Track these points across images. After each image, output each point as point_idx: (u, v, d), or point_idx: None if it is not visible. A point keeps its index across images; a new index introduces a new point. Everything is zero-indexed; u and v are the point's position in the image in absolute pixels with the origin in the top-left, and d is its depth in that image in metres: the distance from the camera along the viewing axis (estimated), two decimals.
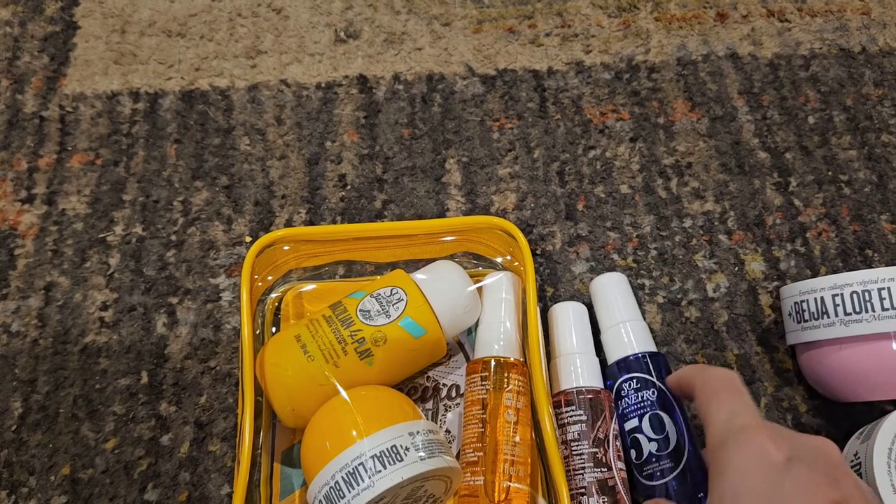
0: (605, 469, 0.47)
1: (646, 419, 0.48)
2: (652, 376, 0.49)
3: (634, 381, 0.49)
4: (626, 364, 0.50)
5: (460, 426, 0.50)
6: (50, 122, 0.65)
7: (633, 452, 0.48)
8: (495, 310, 0.51)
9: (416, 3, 0.71)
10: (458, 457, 0.49)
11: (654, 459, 0.47)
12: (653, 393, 0.49)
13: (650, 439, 0.47)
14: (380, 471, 0.42)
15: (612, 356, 0.51)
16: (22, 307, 0.56)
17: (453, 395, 0.52)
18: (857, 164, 0.63)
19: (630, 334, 0.51)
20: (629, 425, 0.49)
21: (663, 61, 0.68)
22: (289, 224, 0.60)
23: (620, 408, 0.49)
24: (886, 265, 0.59)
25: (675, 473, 0.46)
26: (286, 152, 0.63)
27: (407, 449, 0.43)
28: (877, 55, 0.69)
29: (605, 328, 0.53)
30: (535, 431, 0.48)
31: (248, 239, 0.59)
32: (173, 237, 0.59)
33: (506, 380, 0.48)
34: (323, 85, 0.67)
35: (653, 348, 0.51)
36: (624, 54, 0.68)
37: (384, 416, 0.45)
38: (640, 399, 0.49)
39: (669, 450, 0.47)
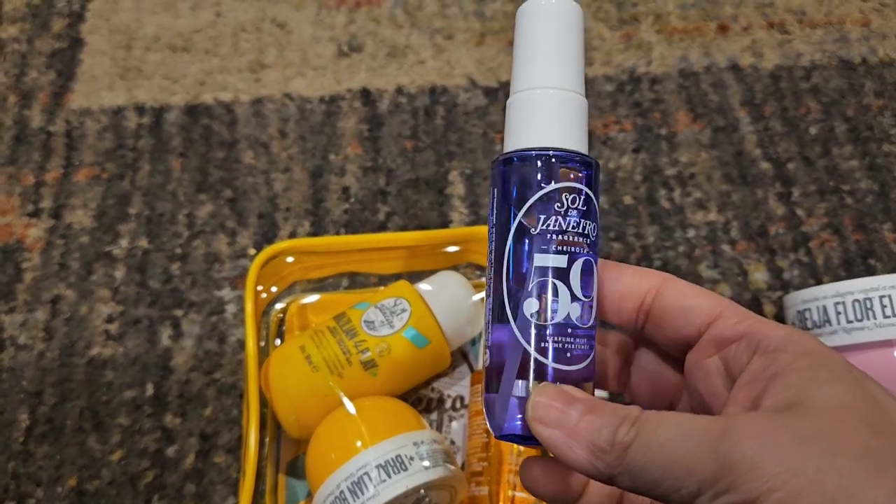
0: None
1: (578, 264, 0.29)
2: (597, 198, 0.31)
3: (581, 197, 0.30)
4: (574, 162, 0.30)
5: (465, 437, 0.50)
6: (56, 137, 0.65)
7: (533, 304, 0.29)
8: None
9: (418, 17, 0.72)
10: (462, 467, 0.49)
11: (569, 331, 0.29)
12: (594, 228, 0.30)
13: (575, 297, 0.29)
14: (384, 480, 0.42)
15: (536, 138, 0.30)
16: (29, 320, 0.57)
17: (457, 406, 0.52)
18: (858, 174, 0.63)
19: (574, 112, 0.31)
20: (545, 260, 0.29)
21: (665, 73, 0.68)
22: (292, 236, 0.60)
23: (540, 225, 0.29)
24: (889, 274, 0.59)
25: (588, 360, 0.30)
26: (290, 165, 0.64)
27: (411, 458, 0.43)
28: (877, 66, 0.69)
29: (517, 89, 0.31)
30: None
31: (252, 251, 0.59)
32: (178, 250, 0.60)
33: None
34: (326, 98, 0.67)
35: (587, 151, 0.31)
36: (626, 66, 0.69)
37: (388, 427, 0.45)
38: (580, 228, 0.30)
39: (592, 322, 0.30)
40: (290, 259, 0.53)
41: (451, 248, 0.54)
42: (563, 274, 0.29)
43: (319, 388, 0.47)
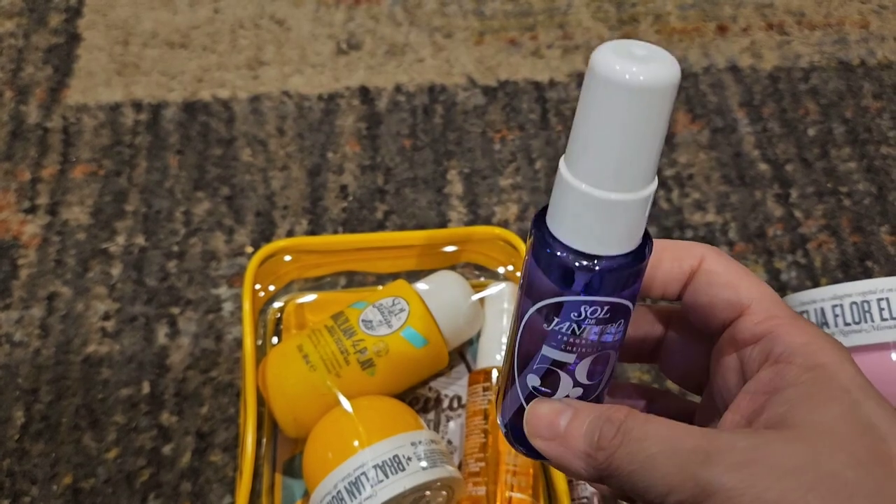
0: None
1: (587, 361, 0.29)
2: (632, 302, 0.28)
3: (605, 308, 0.27)
4: (610, 274, 0.26)
5: (462, 437, 0.50)
6: (53, 133, 0.65)
7: (536, 379, 0.29)
8: (497, 320, 0.51)
9: (417, 15, 0.72)
10: (460, 467, 0.49)
11: None
12: (619, 326, 0.28)
13: (577, 384, 0.29)
14: (382, 480, 0.42)
15: (579, 239, 0.26)
16: (24, 317, 0.57)
17: (455, 405, 0.52)
18: (856, 176, 0.63)
19: (635, 214, 0.25)
20: (554, 353, 0.28)
21: None
22: (290, 235, 0.60)
23: (553, 325, 0.27)
24: (886, 276, 0.59)
25: None
26: (288, 163, 0.63)
27: (409, 458, 0.43)
28: (875, 68, 0.69)
29: (577, 170, 0.25)
30: None
31: (249, 249, 0.59)
32: (175, 247, 0.59)
33: None
34: (325, 96, 0.67)
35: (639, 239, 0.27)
36: None
37: (386, 426, 0.45)
38: (598, 335, 0.28)
39: (594, 397, 0.30)
40: (287, 258, 0.53)
41: (450, 248, 0.54)
42: (567, 367, 0.28)
43: (317, 387, 0.47)
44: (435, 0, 0.72)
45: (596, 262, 0.26)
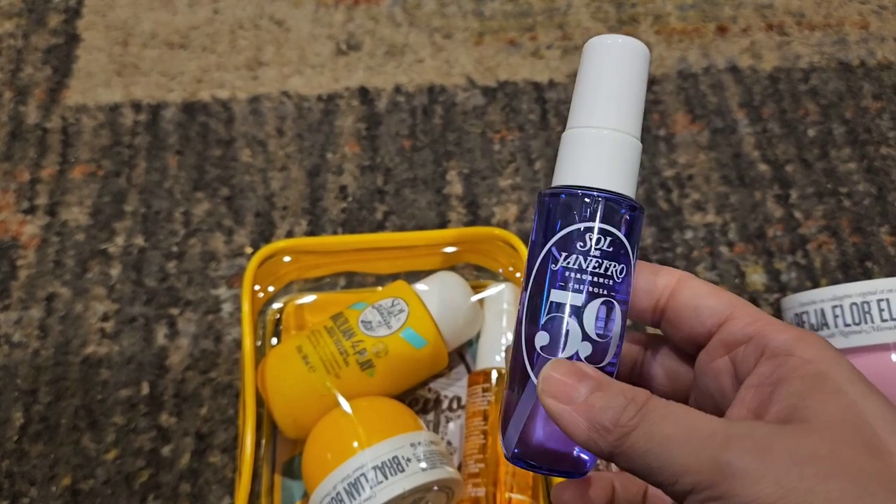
0: None
1: (596, 303, 0.29)
2: (629, 244, 0.30)
3: (606, 238, 0.29)
4: (605, 203, 0.30)
5: (462, 438, 0.50)
6: (52, 134, 0.65)
7: (544, 337, 0.29)
8: (497, 321, 0.51)
9: (417, 16, 0.72)
10: (459, 468, 0.48)
11: None
12: (622, 271, 0.30)
13: (586, 336, 0.29)
14: (381, 482, 0.42)
15: (574, 176, 0.31)
16: (23, 318, 0.57)
17: (454, 406, 0.52)
18: (856, 177, 0.63)
19: (619, 154, 0.31)
20: (560, 296, 0.29)
21: (664, 74, 0.68)
22: (290, 235, 0.60)
23: (561, 261, 0.30)
24: (886, 277, 0.59)
25: None
26: (287, 164, 0.63)
27: (408, 460, 0.43)
28: (875, 68, 0.69)
29: (572, 125, 0.31)
30: None
31: (248, 250, 0.59)
32: (174, 248, 0.59)
33: None
34: (324, 96, 0.67)
35: (633, 195, 0.31)
36: None
37: (386, 427, 0.45)
38: (601, 269, 0.29)
39: (604, 363, 0.29)
40: (287, 258, 0.53)
41: (449, 249, 0.54)
42: (576, 312, 0.29)
43: (316, 388, 0.46)
44: (434, 1, 0.72)
45: (596, 193, 0.30)
